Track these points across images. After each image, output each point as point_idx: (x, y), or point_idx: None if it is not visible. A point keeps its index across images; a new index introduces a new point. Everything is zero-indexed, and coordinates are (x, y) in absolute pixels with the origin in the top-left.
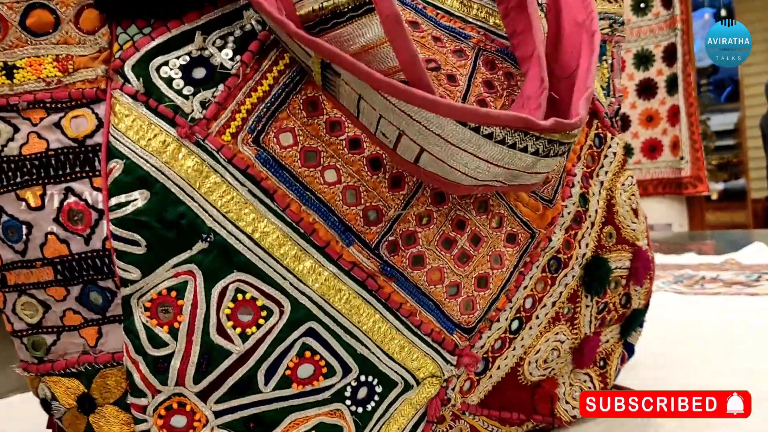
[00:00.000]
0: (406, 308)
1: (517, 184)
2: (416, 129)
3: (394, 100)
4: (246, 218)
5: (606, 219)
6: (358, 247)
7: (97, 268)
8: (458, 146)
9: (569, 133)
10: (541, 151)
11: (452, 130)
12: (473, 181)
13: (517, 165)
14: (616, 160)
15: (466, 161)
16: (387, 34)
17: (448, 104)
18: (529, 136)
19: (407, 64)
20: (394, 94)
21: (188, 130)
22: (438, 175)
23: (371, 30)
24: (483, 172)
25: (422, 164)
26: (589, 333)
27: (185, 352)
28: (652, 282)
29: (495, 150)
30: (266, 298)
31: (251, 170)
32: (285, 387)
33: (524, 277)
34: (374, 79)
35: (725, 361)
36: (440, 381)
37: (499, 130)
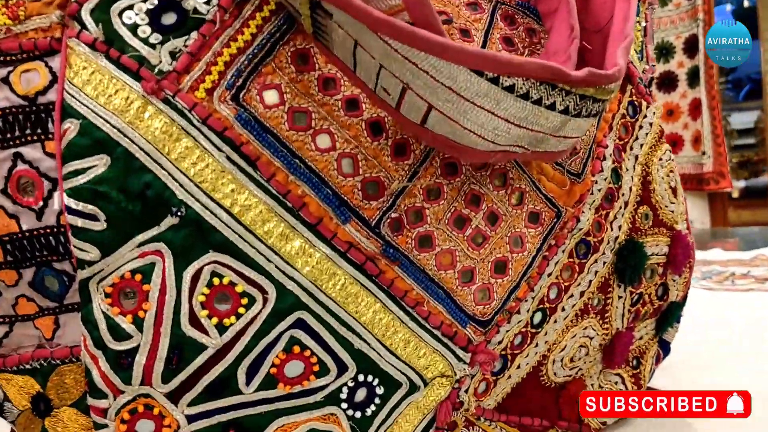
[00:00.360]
0: (412, 297)
1: (541, 151)
2: (423, 81)
3: (396, 44)
4: (223, 189)
5: (641, 198)
6: (355, 225)
7: (51, 248)
8: (473, 102)
9: (605, 88)
10: (572, 110)
11: (466, 82)
12: (490, 145)
13: (542, 126)
14: (653, 132)
15: (482, 121)
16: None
17: (460, 48)
18: (558, 90)
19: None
20: (395, 37)
21: (155, 84)
22: (449, 139)
23: None
24: (502, 135)
25: (430, 125)
26: (621, 328)
27: (152, 346)
28: (691, 271)
29: (517, 106)
30: (247, 284)
31: (229, 133)
32: (270, 387)
33: (548, 262)
34: (372, 18)
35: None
36: (451, 381)
37: (522, 81)
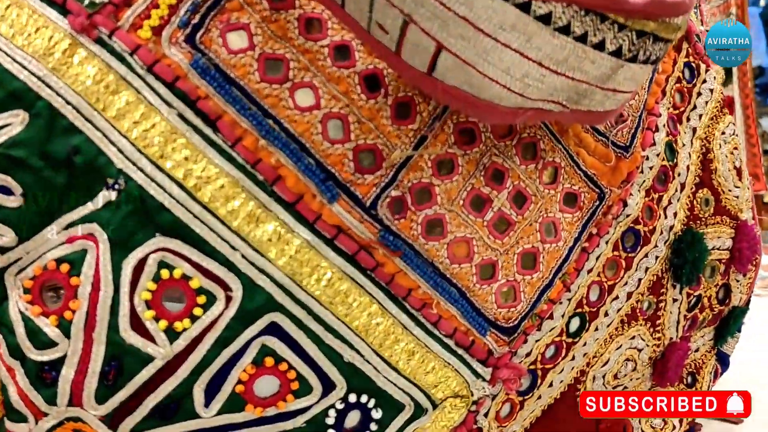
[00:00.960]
0: (418, 296)
1: (584, 110)
2: (429, 10)
3: None
4: (174, 156)
5: (701, 180)
6: (345, 205)
7: None
8: (495, 38)
9: (671, 23)
10: (626, 51)
11: (486, 8)
12: (518, 99)
13: (586, 73)
14: (714, 100)
15: (507, 64)
16: None
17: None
18: (609, 23)
19: None
20: None
21: (86, 20)
22: (464, 92)
23: None
24: (534, 84)
25: (440, 73)
26: (675, 338)
27: (82, 357)
28: (757, 270)
29: (554, 44)
30: (205, 278)
31: (183, 84)
32: (236, 410)
33: (588, 255)
34: None
35: None
36: (467, 403)
37: (562, 9)
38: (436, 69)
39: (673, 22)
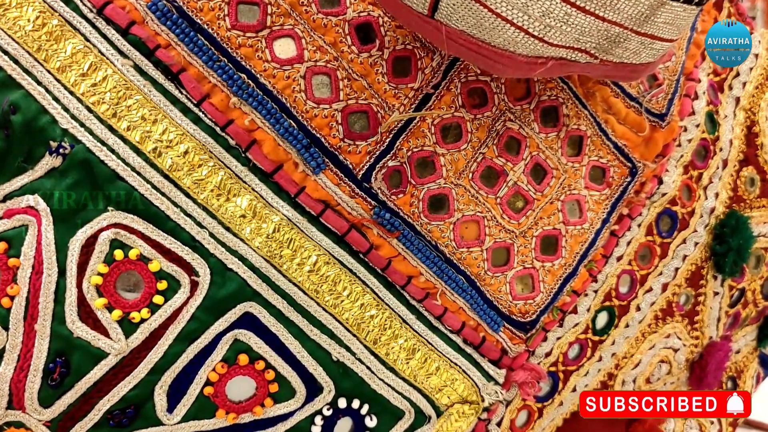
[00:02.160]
0: (419, 285)
1: (616, 62)
2: None
3: None
4: (129, 116)
5: (745, 156)
6: (333, 177)
7: None
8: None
9: None
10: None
11: None
12: (537, 45)
13: (620, 12)
14: (759, 66)
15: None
16: None
17: None
18: None
19: None
20: None
21: None
22: (473, 38)
23: None
24: (556, 26)
25: (444, 15)
26: (715, 337)
27: (23, 351)
28: None
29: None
30: (167, 260)
31: (139, 30)
32: (205, 416)
33: (618, 240)
34: None
35: None
36: (477, 410)
37: None
38: (438, 9)
39: None
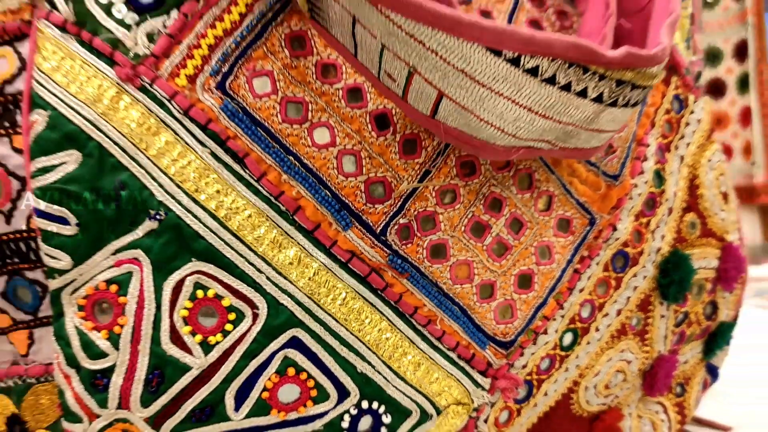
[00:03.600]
0: (423, 314)
1: (571, 147)
2: (431, 63)
3: (400, 19)
4: (208, 190)
5: (688, 204)
6: (358, 232)
7: (22, 255)
8: (490, 87)
9: (647, 72)
10: (606, 97)
11: (481, 63)
12: (511, 140)
13: (572, 117)
14: (701, 130)
15: (501, 110)
16: None
17: (474, 23)
18: (590, 73)
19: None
20: (398, 9)
21: (131, 70)
22: (464, 133)
23: None
24: (524, 127)
25: (442, 117)
26: (663, 351)
27: (129, 366)
28: (743, 288)
29: (542, 93)
30: (235, 297)
31: (214, 126)
32: (262, 413)
33: (580, 276)
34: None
35: None
36: (469, 410)
37: (548, 62)
38: (438, 113)
39: (648, 72)
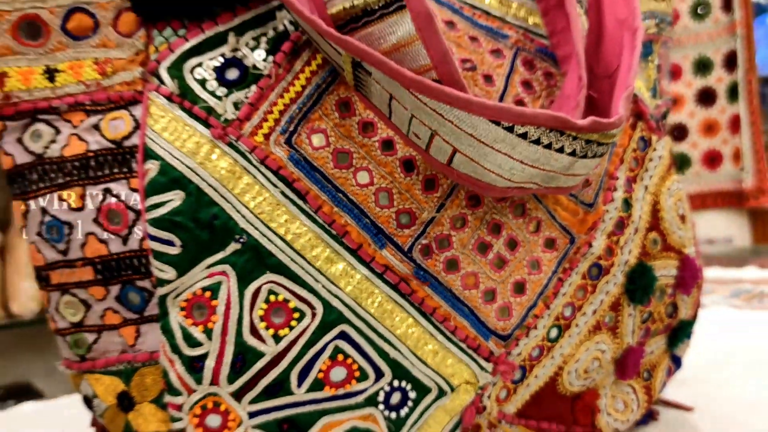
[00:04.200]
0: (440, 313)
1: (554, 186)
2: (448, 129)
3: (425, 98)
4: (278, 219)
5: (651, 225)
6: (390, 250)
7: (134, 268)
8: (492, 146)
9: (608, 134)
10: (578, 152)
11: (485, 130)
12: (508, 182)
13: (553, 166)
14: (662, 164)
15: (500, 162)
16: (418, 31)
17: (480, 102)
18: (566, 136)
19: (439, 61)
20: (424, 93)
21: (221, 131)
22: (472, 177)
23: (402, 27)
24: (518, 173)
25: (455, 165)
26: (632, 343)
27: (219, 352)
28: (700, 291)
29: (530, 150)
30: (299, 300)
31: (283, 171)
32: (318, 390)
33: (563, 283)
34: (405, 77)
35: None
36: (475, 388)
37: (534, 129)
38: (452, 162)
39: (609, 134)
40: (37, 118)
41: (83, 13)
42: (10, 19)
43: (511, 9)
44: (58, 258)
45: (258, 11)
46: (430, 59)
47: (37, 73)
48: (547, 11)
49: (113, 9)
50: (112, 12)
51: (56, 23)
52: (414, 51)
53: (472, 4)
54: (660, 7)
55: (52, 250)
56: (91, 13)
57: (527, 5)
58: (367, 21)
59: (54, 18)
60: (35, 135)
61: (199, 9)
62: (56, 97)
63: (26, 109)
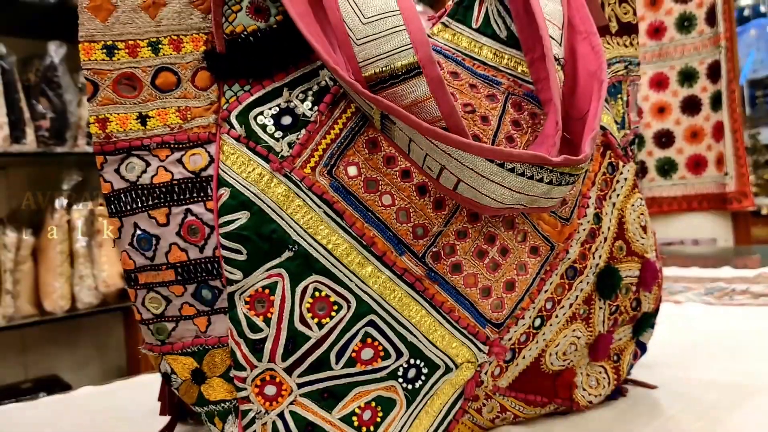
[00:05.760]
0: (447, 306)
1: (536, 207)
2: (454, 164)
3: (437, 142)
4: (322, 233)
5: (617, 235)
6: (408, 257)
7: (208, 271)
8: (488, 178)
9: (577, 167)
10: (555, 181)
11: (483, 166)
12: (500, 204)
13: (535, 192)
14: (627, 185)
15: (493, 189)
16: (432, 92)
17: (479, 146)
18: (545, 169)
19: (447, 115)
20: (437, 139)
21: (278, 165)
22: (472, 200)
23: (420, 89)
24: (508, 198)
25: (459, 191)
26: (603, 331)
27: (275, 337)
28: (660, 288)
29: (517, 180)
30: (337, 296)
31: (326, 196)
32: (351, 366)
33: (545, 282)
34: (422, 127)
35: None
36: (475, 366)
37: (520, 165)
38: (457, 189)
39: (578, 167)
40: (131, 153)
41: (168, 71)
42: (111, 76)
43: (503, 60)
44: (146, 263)
45: (305, 70)
46: (440, 113)
47: (131, 119)
48: (533, 62)
49: (192, 68)
50: (191, 71)
51: (147, 79)
52: (428, 106)
53: (472, 56)
54: (629, 52)
55: (141, 257)
56: (174, 71)
57: (516, 57)
58: (392, 83)
59: (146, 75)
60: (130, 166)
61: (260, 70)
62: (147, 137)
63: (123, 147)
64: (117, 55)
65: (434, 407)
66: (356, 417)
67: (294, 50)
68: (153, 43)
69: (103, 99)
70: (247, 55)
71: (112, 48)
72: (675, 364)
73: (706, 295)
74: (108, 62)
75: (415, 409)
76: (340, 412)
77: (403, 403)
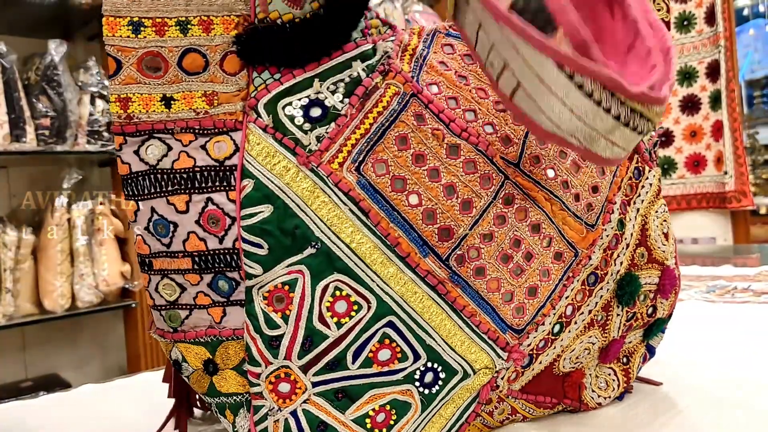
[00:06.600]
0: (469, 310)
1: (591, 150)
2: (519, 63)
3: (508, 31)
4: (346, 231)
5: (639, 241)
6: (432, 259)
7: (226, 262)
8: (550, 88)
9: (651, 108)
10: (623, 119)
11: (549, 71)
12: (554, 127)
13: (596, 125)
14: (652, 191)
15: (552, 104)
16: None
17: (552, 47)
18: (615, 98)
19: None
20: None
21: (305, 159)
22: (526, 115)
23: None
24: (565, 121)
25: (516, 100)
26: (616, 336)
27: (293, 334)
28: (677, 296)
29: (581, 101)
30: (357, 296)
31: (352, 193)
32: (368, 366)
33: (567, 288)
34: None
35: (737, 359)
36: (492, 371)
37: (591, 83)
38: (514, 96)
39: (653, 109)
40: (153, 135)
41: (196, 53)
42: (136, 54)
43: None
44: (161, 249)
45: (338, 60)
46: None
47: (155, 100)
48: None
49: (221, 51)
50: (220, 54)
51: (174, 60)
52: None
53: None
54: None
55: (157, 242)
56: (203, 53)
57: None
58: None
59: (173, 55)
60: (151, 149)
61: (292, 58)
62: (170, 120)
63: (144, 129)
64: (143, 32)
65: (448, 411)
66: (369, 419)
67: (327, 40)
68: (182, 23)
69: (126, 78)
70: (279, 43)
71: (139, 25)
72: (681, 363)
73: (707, 293)
74: (133, 39)
75: (430, 413)
76: (354, 413)
77: (417, 408)
